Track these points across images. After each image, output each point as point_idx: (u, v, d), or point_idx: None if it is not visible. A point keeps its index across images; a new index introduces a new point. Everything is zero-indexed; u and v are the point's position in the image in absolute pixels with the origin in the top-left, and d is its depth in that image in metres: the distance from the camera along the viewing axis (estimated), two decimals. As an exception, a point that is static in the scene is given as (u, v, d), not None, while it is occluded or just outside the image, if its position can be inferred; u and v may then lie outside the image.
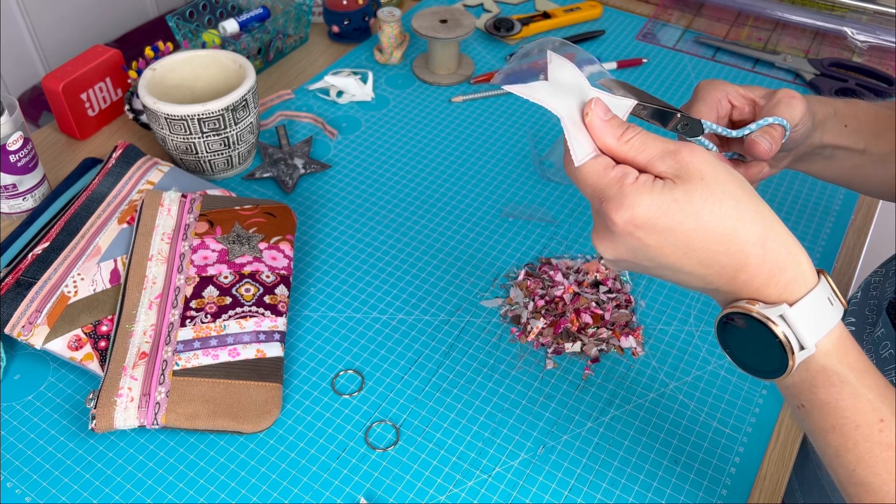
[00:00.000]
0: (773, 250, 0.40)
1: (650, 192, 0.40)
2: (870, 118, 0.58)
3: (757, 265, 0.40)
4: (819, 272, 0.41)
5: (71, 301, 0.66)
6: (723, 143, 0.58)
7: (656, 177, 0.41)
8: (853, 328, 0.61)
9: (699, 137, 0.51)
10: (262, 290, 0.68)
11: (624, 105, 0.45)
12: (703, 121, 0.51)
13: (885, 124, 0.58)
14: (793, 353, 0.39)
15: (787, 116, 0.52)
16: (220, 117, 0.78)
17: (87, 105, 0.89)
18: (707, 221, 0.39)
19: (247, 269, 0.69)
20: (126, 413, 0.59)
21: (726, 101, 0.54)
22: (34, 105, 1.04)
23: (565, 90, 0.44)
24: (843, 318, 0.63)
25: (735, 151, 0.56)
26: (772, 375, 0.41)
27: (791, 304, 0.39)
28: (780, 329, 0.39)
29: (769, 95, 0.54)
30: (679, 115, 0.49)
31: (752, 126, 0.52)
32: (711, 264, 0.40)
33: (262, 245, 0.72)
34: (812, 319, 0.39)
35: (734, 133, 0.52)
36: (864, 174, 0.59)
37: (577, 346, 0.68)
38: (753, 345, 0.41)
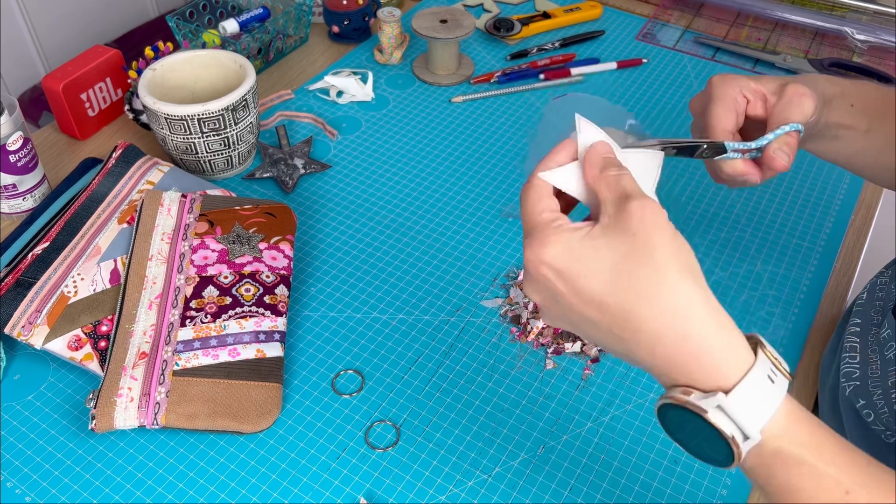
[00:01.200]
0: (696, 328, 0.37)
1: (569, 234, 0.39)
2: (877, 99, 0.57)
3: (677, 338, 0.37)
4: (755, 345, 0.39)
5: (71, 301, 0.66)
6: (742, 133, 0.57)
7: (590, 224, 0.40)
8: (858, 329, 0.61)
9: (727, 154, 0.52)
10: (262, 290, 0.68)
11: (656, 155, 0.46)
12: (725, 143, 0.52)
13: (892, 107, 0.57)
14: (736, 443, 0.37)
15: (798, 117, 0.52)
16: (221, 117, 0.78)
17: (88, 105, 0.89)
18: (623, 280, 0.38)
19: (247, 269, 0.69)
20: (126, 413, 0.59)
21: (741, 98, 0.53)
22: (34, 105, 1.04)
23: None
24: (849, 320, 0.63)
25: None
26: (724, 464, 0.39)
27: (727, 392, 0.37)
28: (718, 421, 0.37)
29: (779, 91, 0.54)
30: (704, 144, 0.51)
31: (770, 136, 0.52)
32: (623, 327, 0.38)
33: (262, 245, 0.72)
34: (752, 404, 0.37)
35: (753, 145, 0.52)
36: (868, 158, 0.59)
37: (577, 346, 0.68)
38: (697, 435, 0.39)
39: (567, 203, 0.46)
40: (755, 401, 0.37)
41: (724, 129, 0.54)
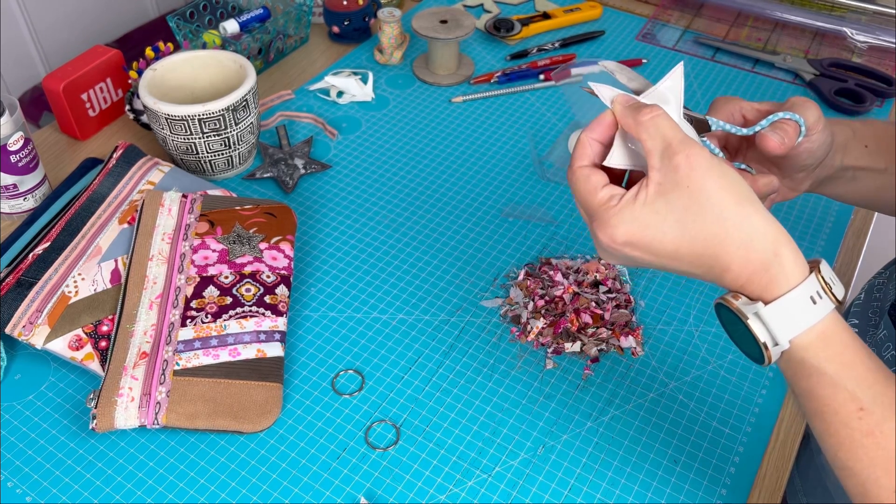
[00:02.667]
0: (758, 252, 0.41)
1: (631, 211, 0.43)
2: (890, 137, 0.57)
3: (740, 266, 0.42)
4: (813, 268, 0.42)
5: (72, 301, 0.66)
6: (733, 152, 0.57)
7: (642, 186, 0.43)
8: (856, 330, 0.61)
9: (703, 137, 0.50)
10: (262, 290, 0.68)
11: (675, 80, 0.48)
12: (708, 118, 0.51)
13: None
14: (766, 347, 0.42)
15: (800, 116, 0.52)
16: (221, 117, 0.78)
17: (88, 105, 0.89)
18: (690, 229, 0.42)
19: (247, 269, 0.69)
20: (126, 413, 0.59)
21: (739, 115, 0.53)
22: (35, 105, 1.04)
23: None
24: (846, 321, 0.63)
25: (743, 162, 0.56)
26: (758, 362, 0.44)
27: (767, 303, 0.41)
28: (754, 325, 0.42)
29: (781, 105, 0.53)
30: (684, 113, 0.49)
31: (763, 122, 0.51)
32: (699, 265, 0.43)
33: (263, 245, 0.72)
34: (787, 317, 0.41)
35: (744, 130, 0.51)
36: (888, 195, 0.58)
37: (576, 346, 0.68)
38: (741, 335, 0.44)
39: (614, 175, 0.48)
40: (791, 315, 0.41)
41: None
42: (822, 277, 0.42)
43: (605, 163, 0.46)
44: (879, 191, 0.58)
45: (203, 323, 0.65)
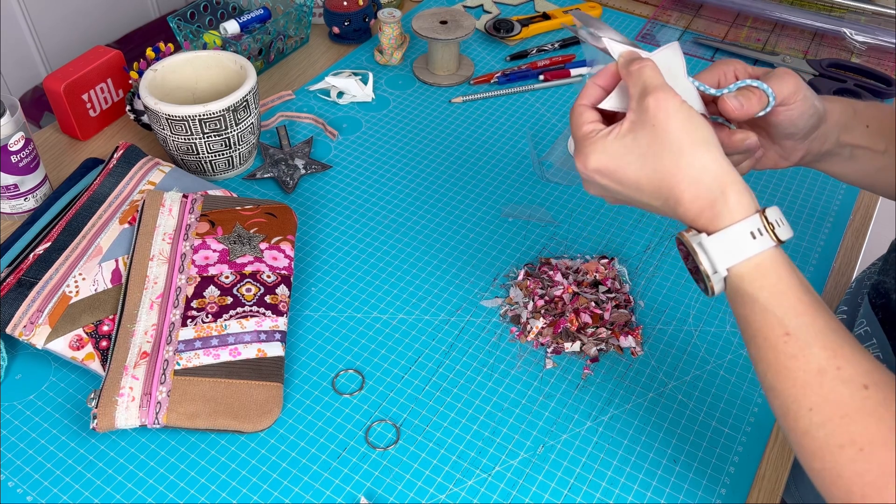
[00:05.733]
0: (706, 188, 0.46)
1: (603, 143, 0.49)
2: (891, 120, 0.58)
3: (690, 200, 0.46)
4: (762, 211, 0.46)
5: (72, 301, 0.66)
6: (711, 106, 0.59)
7: (619, 123, 0.49)
8: (845, 317, 0.63)
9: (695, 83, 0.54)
10: (262, 289, 0.68)
11: (675, 50, 0.53)
12: (690, 78, 0.54)
13: None
14: (708, 276, 0.47)
15: (774, 88, 0.53)
16: (221, 118, 0.78)
17: (89, 106, 0.89)
18: (650, 163, 0.47)
19: (248, 269, 0.69)
20: (127, 412, 0.59)
21: (732, 76, 0.56)
22: (36, 106, 1.05)
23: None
24: (836, 309, 0.64)
25: (719, 116, 0.57)
26: (704, 292, 0.48)
27: (710, 235, 0.46)
28: (699, 254, 0.47)
29: (769, 72, 0.55)
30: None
31: (731, 86, 0.53)
32: (657, 197, 0.48)
33: (263, 245, 0.72)
34: (726, 248, 0.45)
35: (713, 91, 0.53)
36: (887, 177, 0.60)
37: (576, 346, 0.68)
38: (690, 263, 0.48)
39: (612, 119, 0.53)
40: (730, 246, 0.45)
41: (706, 79, 0.57)
42: (766, 218, 0.45)
43: (600, 105, 0.52)
44: (879, 172, 0.60)
45: (204, 323, 0.65)
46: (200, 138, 0.79)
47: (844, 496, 0.41)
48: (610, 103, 0.52)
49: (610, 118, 0.53)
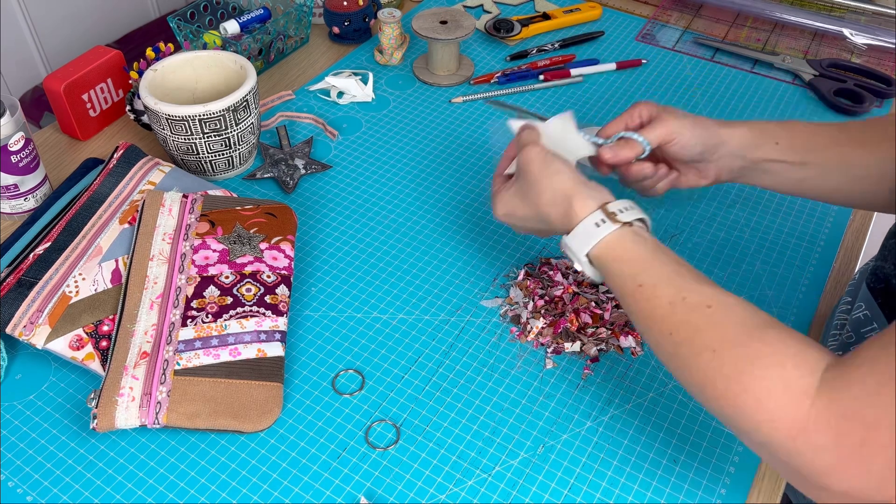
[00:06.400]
0: (559, 204, 0.58)
1: (502, 196, 0.64)
2: (806, 135, 0.65)
3: (554, 217, 0.59)
4: (604, 205, 0.57)
5: (72, 301, 0.66)
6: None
7: (511, 180, 0.64)
8: (849, 306, 0.65)
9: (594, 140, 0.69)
10: (262, 289, 0.68)
11: (566, 118, 0.68)
12: (584, 133, 0.68)
13: (825, 141, 0.64)
14: (576, 268, 0.59)
15: (649, 135, 0.66)
16: (221, 118, 0.78)
17: (89, 106, 0.89)
18: (529, 201, 0.61)
19: (248, 269, 0.69)
20: (127, 412, 0.59)
21: (637, 117, 0.67)
22: (36, 105, 1.04)
23: (549, 132, 0.67)
24: (840, 300, 0.66)
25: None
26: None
27: (567, 234, 0.58)
28: (564, 251, 0.59)
29: (658, 114, 0.67)
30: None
31: (612, 138, 0.67)
32: (542, 222, 0.61)
33: (263, 245, 0.72)
34: (578, 240, 0.57)
35: (600, 142, 0.67)
36: (811, 186, 0.66)
37: (576, 346, 0.68)
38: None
39: None
40: (580, 238, 0.57)
41: (610, 129, 0.69)
42: (606, 209, 0.56)
43: (505, 172, 0.67)
44: (802, 183, 0.66)
45: (204, 323, 0.65)
46: (200, 138, 0.79)
47: (711, 392, 0.48)
48: (511, 170, 0.65)
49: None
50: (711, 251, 0.78)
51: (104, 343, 0.65)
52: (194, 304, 0.66)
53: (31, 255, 0.69)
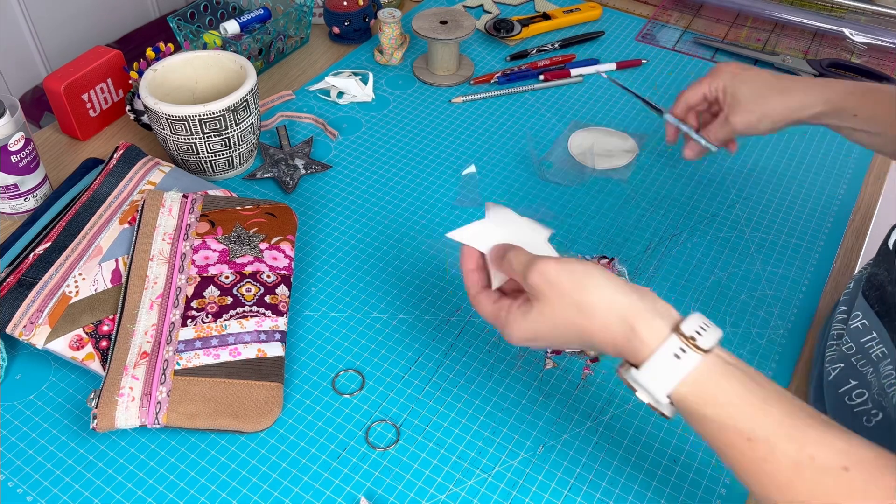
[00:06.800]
0: (616, 330, 0.48)
1: (516, 322, 0.52)
2: (885, 104, 0.64)
3: (608, 344, 0.49)
4: (677, 327, 0.47)
5: (72, 301, 0.66)
6: (707, 117, 0.77)
7: (525, 299, 0.53)
8: (844, 315, 0.64)
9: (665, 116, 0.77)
10: (262, 289, 0.68)
11: (544, 232, 0.59)
12: (665, 115, 0.76)
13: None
14: (653, 406, 0.48)
15: (712, 135, 0.73)
16: (221, 118, 0.78)
17: (89, 106, 0.89)
18: (561, 326, 0.50)
19: (248, 269, 0.69)
20: (127, 412, 0.59)
21: (713, 91, 0.72)
22: (36, 105, 1.04)
23: (500, 233, 0.58)
24: (835, 309, 0.65)
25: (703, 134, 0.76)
26: (662, 417, 0.50)
27: (638, 368, 0.47)
28: (636, 389, 0.48)
29: (729, 104, 0.71)
30: (656, 107, 0.78)
31: (699, 139, 0.74)
32: (582, 344, 0.51)
33: (263, 245, 0.72)
34: (655, 378, 0.46)
35: (683, 128, 0.75)
36: (879, 147, 0.66)
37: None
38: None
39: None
40: (658, 375, 0.46)
41: (684, 101, 0.75)
42: (683, 334, 0.46)
43: (493, 288, 0.56)
44: (871, 144, 0.67)
45: (204, 323, 0.65)
46: (200, 138, 0.79)
47: None
48: (498, 281, 0.56)
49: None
50: (711, 251, 0.78)
51: (104, 343, 0.65)
52: (194, 304, 0.66)
53: (31, 255, 0.69)
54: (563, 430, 0.63)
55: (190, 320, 0.65)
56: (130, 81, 0.92)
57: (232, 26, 0.98)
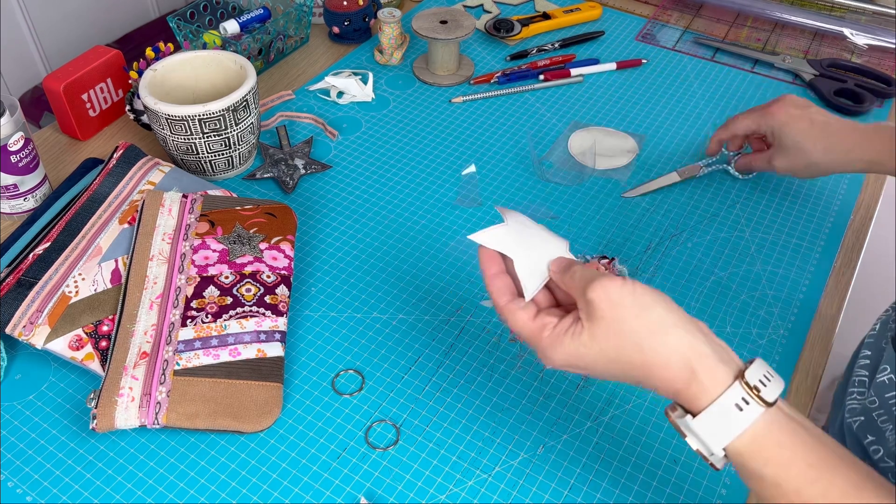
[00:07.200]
0: (676, 372, 0.44)
1: (561, 344, 0.48)
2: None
3: (664, 385, 0.45)
4: (742, 375, 0.44)
5: (72, 301, 0.66)
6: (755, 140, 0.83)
7: (574, 318, 0.48)
8: (868, 361, 0.63)
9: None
10: (262, 290, 0.68)
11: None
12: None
13: None
14: (704, 456, 0.45)
15: (755, 167, 0.82)
16: (221, 118, 0.78)
17: (88, 105, 0.89)
18: (614, 358, 0.46)
19: (247, 270, 0.69)
20: (127, 413, 0.59)
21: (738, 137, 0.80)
22: (35, 105, 1.04)
23: (523, 239, 0.53)
24: (859, 353, 0.64)
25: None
26: (709, 466, 0.48)
27: (695, 416, 0.44)
28: (688, 436, 0.45)
29: (775, 147, 0.77)
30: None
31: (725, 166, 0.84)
32: (632, 380, 0.47)
33: (263, 245, 0.72)
34: (713, 428, 0.43)
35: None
36: None
37: (576, 346, 0.68)
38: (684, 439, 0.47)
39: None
40: (717, 425, 0.43)
41: (731, 131, 0.81)
42: (747, 383, 0.43)
43: (527, 299, 0.52)
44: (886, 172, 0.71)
45: (203, 323, 0.65)
46: (200, 138, 0.79)
47: None
48: (533, 288, 0.52)
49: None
50: (711, 251, 0.78)
51: (104, 343, 0.65)
52: (194, 304, 0.66)
53: (30, 255, 0.69)
54: (564, 430, 0.63)
55: (190, 320, 0.65)
56: (130, 81, 0.92)
57: (232, 26, 0.98)
